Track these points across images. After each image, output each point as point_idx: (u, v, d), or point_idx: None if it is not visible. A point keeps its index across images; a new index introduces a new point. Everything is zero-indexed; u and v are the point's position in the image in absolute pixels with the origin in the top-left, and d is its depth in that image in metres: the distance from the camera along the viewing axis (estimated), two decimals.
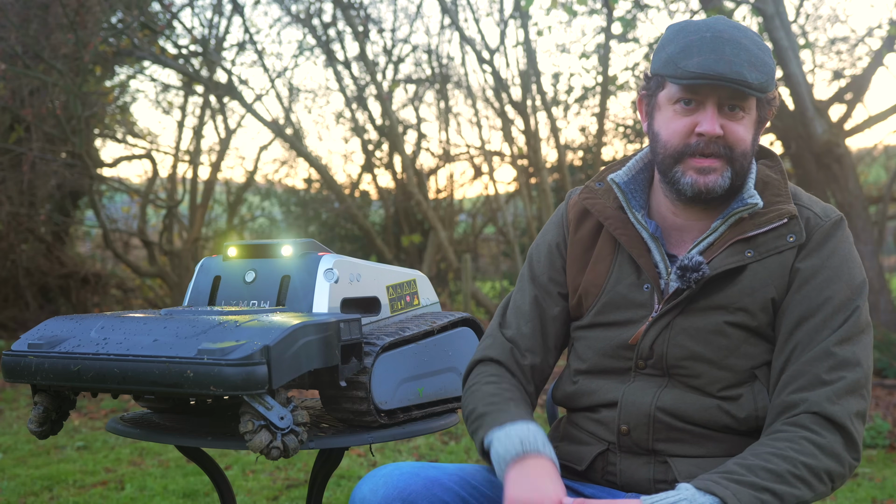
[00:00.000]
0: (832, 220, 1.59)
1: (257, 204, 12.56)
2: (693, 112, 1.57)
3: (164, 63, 8.59)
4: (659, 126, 1.62)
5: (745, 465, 1.46)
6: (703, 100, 1.56)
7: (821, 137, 6.94)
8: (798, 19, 8.50)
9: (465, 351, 1.99)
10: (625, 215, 1.67)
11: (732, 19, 1.63)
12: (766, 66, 1.55)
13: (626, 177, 1.69)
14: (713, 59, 1.52)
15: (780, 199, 1.60)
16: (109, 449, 4.90)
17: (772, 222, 1.57)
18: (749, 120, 1.59)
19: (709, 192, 1.58)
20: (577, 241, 1.73)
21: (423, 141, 11.01)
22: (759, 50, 1.57)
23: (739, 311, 1.57)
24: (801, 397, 1.50)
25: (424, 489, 1.54)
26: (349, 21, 9.16)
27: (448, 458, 4.67)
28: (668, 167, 1.60)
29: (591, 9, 8.20)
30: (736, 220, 1.60)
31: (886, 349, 6.29)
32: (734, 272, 1.58)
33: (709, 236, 1.61)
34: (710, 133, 1.55)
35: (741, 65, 1.52)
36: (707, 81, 1.53)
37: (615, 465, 1.63)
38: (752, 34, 1.59)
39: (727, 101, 1.56)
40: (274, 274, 1.87)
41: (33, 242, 9.66)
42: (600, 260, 1.69)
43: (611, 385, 1.64)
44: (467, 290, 8.29)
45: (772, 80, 1.57)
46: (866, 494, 3.94)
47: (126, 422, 1.92)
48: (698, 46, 1.54)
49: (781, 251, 1.57)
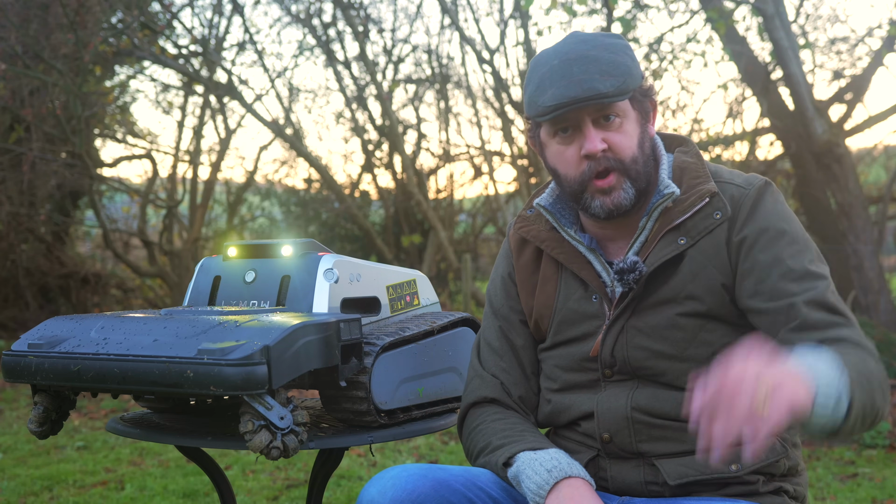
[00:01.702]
0: (756, 186, 1.60)
1: (257, 204, 12.56)
2: (573, 138, 1.59)
3: (164, 63, 8.59)
4: (553, 162, 1.65)
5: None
6: (577, 123, 1.58)
7: (821, 137, 6.94)
8: (798, 19, 8.49)
9: (465, 351, 1.99)
10: (559, 235, 1.70)
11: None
12: (619, 68, 1.56)
13: (550, 198, 1.72)
14: (564, 85, 1.54)
15: (699, 181, 1.61)
16: (109, 449, 4.90)
17: (694, 205, 1.59)
18: (629, 123, 1.60)
19: (618, 209, 1.60)
20: (521, 267, 1.76)
21: (423, 141, 11.01)
22: (611, 53, 1.57)
23: (687, 299, 1.58)
24: (831, 334, 1.50)
25: (433, 491, 1.54)
26: (349, 21, 9.16)
27: (448, 458, 4.67)
28: (577, 197, 1.63)
29: (591, 9, 8.18)
30: (660, 212, 1.61)
31: (886, 349, 6.28)
32: (672, 263, 1.59)
33: (640, 235, 1.63)
34: (593, 151, 1.57)
35: (591, 80, 1.53)
36: (565, 109, 1.54)
37: (606, 471, 1.64)
38: (603, 39, 1.60)
39: (599, 116, 1.58)
40: (274, 274, 1.87)
41: (33, 242, 9.66)
42: (546, 281, 1.72)
43: (584, 398, 1.65)
44: (467, 290, 8.29)
45: (630, 77, 1.57)
46: (866, 494, 3.94)
47: (126, 422, 1.92)
48: (549, 78, 1.56)
49: (711, 230, 1.58)
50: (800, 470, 1.66)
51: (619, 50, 1.59)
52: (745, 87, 8.52)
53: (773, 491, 1.60)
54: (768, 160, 8.90)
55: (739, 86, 8.71)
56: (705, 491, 1.59)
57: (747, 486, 1.59)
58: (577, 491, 1.49)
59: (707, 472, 1.57)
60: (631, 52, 1.60)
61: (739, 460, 1.58)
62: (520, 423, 1.68)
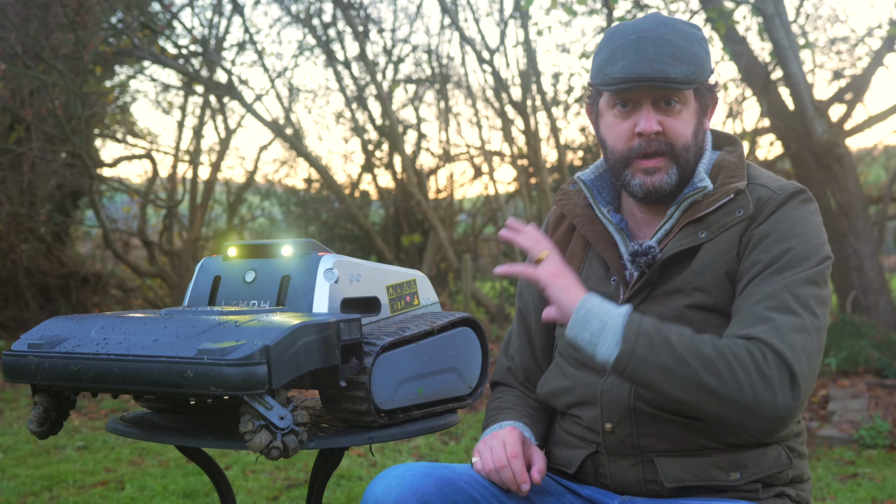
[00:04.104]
0: (787, 192, 1.59)
1: (257, 204, 12.56)
2: (631, 114, 1.61)
3: (164, 63, 8.59)
4: (604, 132, 1.66)
5: (677, 326, 1.49)
6: (638, 100, 1.60)
7: (821, 137, 6.94)
8: (798, 19, 8.50)
9: (465, 351, 1.99)
10: (592, 212, 1.72)
11: (681, 19, 1.64)
12: (692, 58, 1.57)
13: (592, 174, 1.74)
14: (635, 61, 1.55)
15: (732, 179, 1.61)
16: (109, 449, 4.90)
17: (719, 200, 1.59)
18: (688, 112, 1.61)
19: (657, 191, 1.61)
20: (554, 241, 1.78)
21: (423, 141, 11.01)
22: (687, 41, 1.58)
23: (695, 290, 1.58)
24: (744, 332, 1.48)
25: (437, 489, 1.55)
26: (349, 21, 9.15)
27: (448, 458, 4.67)
28: (618, 172, 1.64)
29: (591, 9, 8.20)
30: (689, 204, 1.62)
31: (886, 349, 6.28)
32: (689, 254, 1.59)
33: (665, 223, 1.64)
34: (648, 131, 1.58)
35: (663, 62, 1.54)
36: (631, 84, 1.56)
37: (605, 469, 1.65)
38: (683, 26, 1.60)
39: (661, 98, 1.59)
40: (274, 274, 1.87)
41: (33, 242, 9.65)
42: (573, 258, 1.74)
43: (588, 379, 1.66)
44: (467, 290, 8.29)
45: (701, 69, 1.58)
46: (866, 494, 3.94)
47: (126, 422, 1.92)
48: (623, 51, 1.57)
49: (731, 226, 1.58)
50: (805, 479, 1.65)
51: (696, 40, 1.59)
52: (745, 87, 8.52)
53: (776, 495, 1.60)
54: (768, 160, 8.91)
55: (739, 86, 8.71)
56: (703, 494, 1.58)
57: (747, 493, 1.58)
58: (501, 430, 1.66)
59: (705, 478, 1.57)
60: (706, 46, 1.61)
61: (739, 468, 1.57)
62: (507, 402, 1.80)
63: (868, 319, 6.68)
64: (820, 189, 7.27)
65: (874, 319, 6.80)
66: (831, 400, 5.58)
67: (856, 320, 6.58)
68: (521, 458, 1.60)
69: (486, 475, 1.62)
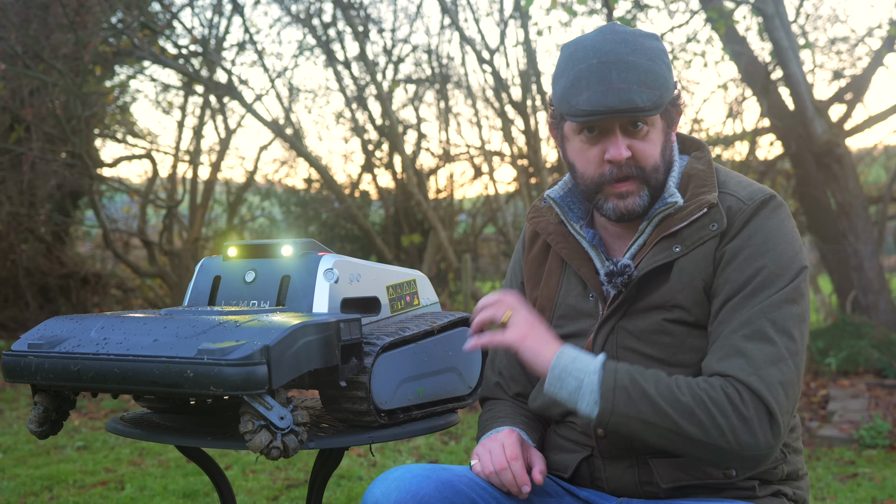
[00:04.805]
0: (756, 201, 1.57)
1: (257, 204, 12.55)
2: (598, 140, 1.59)
3: (164, 63, 8.59)
4: (572, 157, 1.64)
5: (653, 374, 1.50)
6: (605, 127, 1.57)
7: (821, 137, 6.94)
8: (798, 19, 8.49)
9: (464, 351, 1.99)
10: (565, 229, 1.71)
11: (632, 26, 1.62)
12: (657, 80, 1.54)
13: (561, 191, 1.73)
14: (601, 91, 1.52)
15: (703, 190, 1.60)
16: (109, 449, 4.90)
17: (692, 214, 1.58)
18: (655, 132, 1.60)
19: (630, 214, 1.61)
20: (531, 259, 1.78)
21: (423, 141, 11.01)
22: (650, 60, 1.55)
23: (675, 307, 1.57)
24: (720, 367, 1.48)
25: (437, 492, 1.55)
26: (349, 21, 9.15)
27: (448, 458, 4.67)
28: (590, 196, 1.63)
29: (591, 9, 8.19)
30: (660, 219, 1.61)
31: (886, 349, 6.28)
32: (664, 269, 1.59)
33: (638, 239, 1.63)
34: (618, 159, 1.57)
35: (629, 91, 1.52)
36: (598, 117, 1.54)
37: (601, 472, 1.65)
38: (643, 41, 1.57)
39: (628, 122, 1.57)
40: (274, 274, 1.87)
41: (33, 242, 9.65)
42: (551, 275, 1.74)
43: None
44: (467, 290, 8.28)
45: (667, 90, 1.56)
46: (866, 494, 3.94)
47: (126, 422, 1.92)
48: (586, 79, 1.54)
49: (705, 241, 1.57)
50: (801, 475, 1.65)
51: (657, 57, 1.57)
52: (745, 87, 8.52)
53: (773, 494, 1.60)
54: (768, 160, 8.90)
55: (739, 86, 8.71)
56: (700, 494, 1.59)
57: (743, 492, 1.58)
58: (499, 434, 1.67)
59: (701, 477, 1.57)
60: (667, 59, 1.59)
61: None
62: (501, 412, 1.80)
63: (868, 319, 6.68)
64: (820, 189, 7.27)
65: (874, 319, 6.80)
66: (831, 400, 5.58)
67: (856, 320, 6.58)
68: (520, 460, 1.60)
69: (485, 478, 1.61)
